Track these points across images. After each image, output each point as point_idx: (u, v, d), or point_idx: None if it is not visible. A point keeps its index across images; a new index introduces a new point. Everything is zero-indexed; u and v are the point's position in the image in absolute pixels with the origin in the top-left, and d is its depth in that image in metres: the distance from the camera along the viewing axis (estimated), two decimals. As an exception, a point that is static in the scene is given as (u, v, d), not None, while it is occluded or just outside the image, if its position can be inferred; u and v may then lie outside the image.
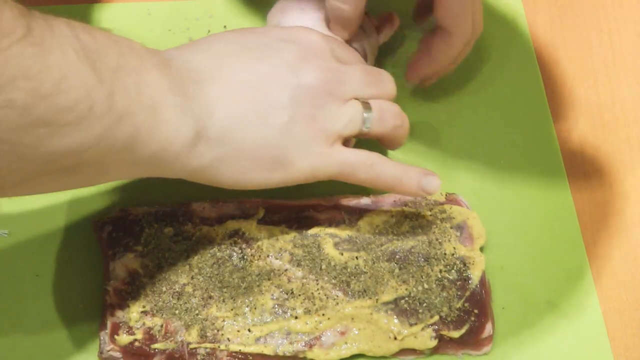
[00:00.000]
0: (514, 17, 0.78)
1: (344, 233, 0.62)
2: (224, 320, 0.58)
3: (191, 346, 0.57)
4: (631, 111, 0.73)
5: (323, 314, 0.58)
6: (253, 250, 0.61)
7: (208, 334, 0.57)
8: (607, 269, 0.65)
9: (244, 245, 0.61)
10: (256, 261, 0.60)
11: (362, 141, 0.60)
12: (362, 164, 0.57)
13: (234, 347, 0.57)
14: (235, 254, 0.61)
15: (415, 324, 0.58)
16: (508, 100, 0.72)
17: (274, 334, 0.58)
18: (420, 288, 0.59)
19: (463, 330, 0.59)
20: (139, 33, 0.75)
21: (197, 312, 0.58)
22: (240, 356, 0.57)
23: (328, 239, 0.61)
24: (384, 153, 0.69)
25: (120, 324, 0.58)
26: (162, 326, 0.58)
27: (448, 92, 0.72)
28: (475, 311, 0.59)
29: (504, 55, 0.75)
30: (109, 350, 0.58)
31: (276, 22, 0.66)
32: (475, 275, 0.60)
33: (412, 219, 0.63)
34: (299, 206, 0.64)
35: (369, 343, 0.58)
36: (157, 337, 0.58)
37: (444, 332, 0.58)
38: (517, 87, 0.73)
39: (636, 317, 0.63)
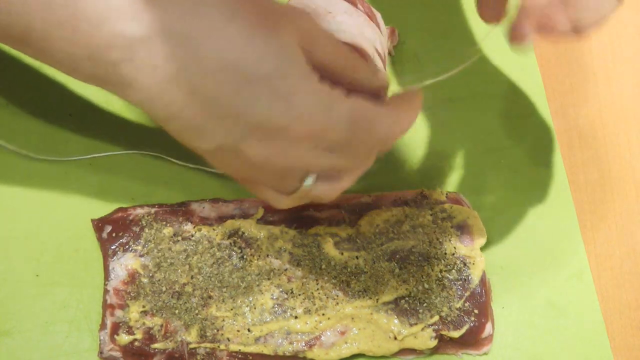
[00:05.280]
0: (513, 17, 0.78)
1: (344, 232, 0.62)
2: (223, 320, 0.58)
3: (191, 346, 0.57)
4: (631, 111, 0.73)
5: (323, 314, 0.58)
6: (252, 250, 0.61)
7: (208, 334, 0.57)
8: (607, 269, 0.65)
9: (243, 245, 0.61)
10: (256, 261, 0.60)
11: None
12: None
13: (233, 347, 0.57)
14: (234, 253, 0.61)
15: (415, 324, 0.58)
16: (508, 100, 0.72)
17: (273, 333, 0.58)
18: (420, 288, 0.59)
19: (463, 330, 0.58)
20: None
21: (196, 311, 0.58)
22: (240, 356, 0.57)
23: (328, 239, 0.61)
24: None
25: (120, 324, 0.58)
26: (161, 326, 0.58)
27: (448, 92, 0.72)
28: (475, 311, 0.59)
29: (504, 55, 0.75)
30: (109, 350, 0.58)
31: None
32: (475, 275, 0.60)
33: (412, 218, 0.63)
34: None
35: (369, 343, 0.58)
36: (157, 337, 0.58)
37: (444, 332, 0.58)
38: (517, 87, 0.73)
39: (636, 317, 0.63)
